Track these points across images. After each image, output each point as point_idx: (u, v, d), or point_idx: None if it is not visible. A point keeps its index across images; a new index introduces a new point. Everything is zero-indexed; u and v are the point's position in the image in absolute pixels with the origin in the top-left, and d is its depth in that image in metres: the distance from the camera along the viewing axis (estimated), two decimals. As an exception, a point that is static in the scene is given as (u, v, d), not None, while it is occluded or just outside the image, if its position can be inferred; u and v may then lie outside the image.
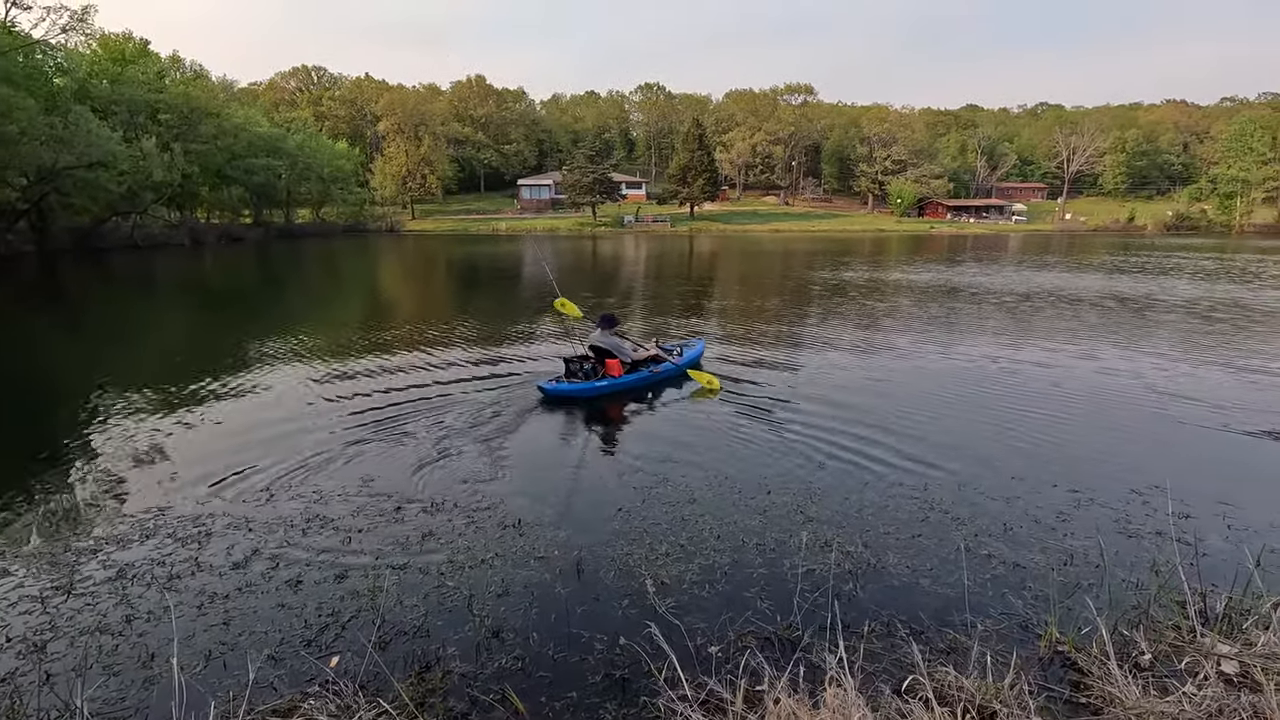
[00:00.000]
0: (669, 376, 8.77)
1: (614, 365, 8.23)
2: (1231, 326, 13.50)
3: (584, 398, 7.96)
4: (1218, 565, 4.20)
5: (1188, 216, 78.10)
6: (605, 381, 8.12)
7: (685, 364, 9.03)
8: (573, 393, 7.98)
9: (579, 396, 7.97)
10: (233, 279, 26.69)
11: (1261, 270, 26.70)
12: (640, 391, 8.36)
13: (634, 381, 8.35)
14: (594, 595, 3.95)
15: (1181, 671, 3.14)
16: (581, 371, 8.29)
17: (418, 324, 14.09)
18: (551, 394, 7.95)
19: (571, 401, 7.92)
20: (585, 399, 7.96)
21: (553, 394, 7.95)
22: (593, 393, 8.01)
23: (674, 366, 8.87)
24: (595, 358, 8.38)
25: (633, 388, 8.34)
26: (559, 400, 7.93)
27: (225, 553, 4.45)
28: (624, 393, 8.22)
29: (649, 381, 8.53)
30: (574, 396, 7.96)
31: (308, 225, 62.45)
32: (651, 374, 8.57)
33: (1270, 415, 7.39)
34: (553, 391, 7.96)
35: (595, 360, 8.36)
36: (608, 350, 8.31)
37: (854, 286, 20.77)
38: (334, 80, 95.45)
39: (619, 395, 8.16)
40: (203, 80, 55.43)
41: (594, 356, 8.40)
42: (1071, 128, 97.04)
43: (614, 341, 8.40)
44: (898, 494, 5.36)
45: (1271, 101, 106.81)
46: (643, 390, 8.40)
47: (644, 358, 8.68)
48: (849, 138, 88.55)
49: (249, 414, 7.60)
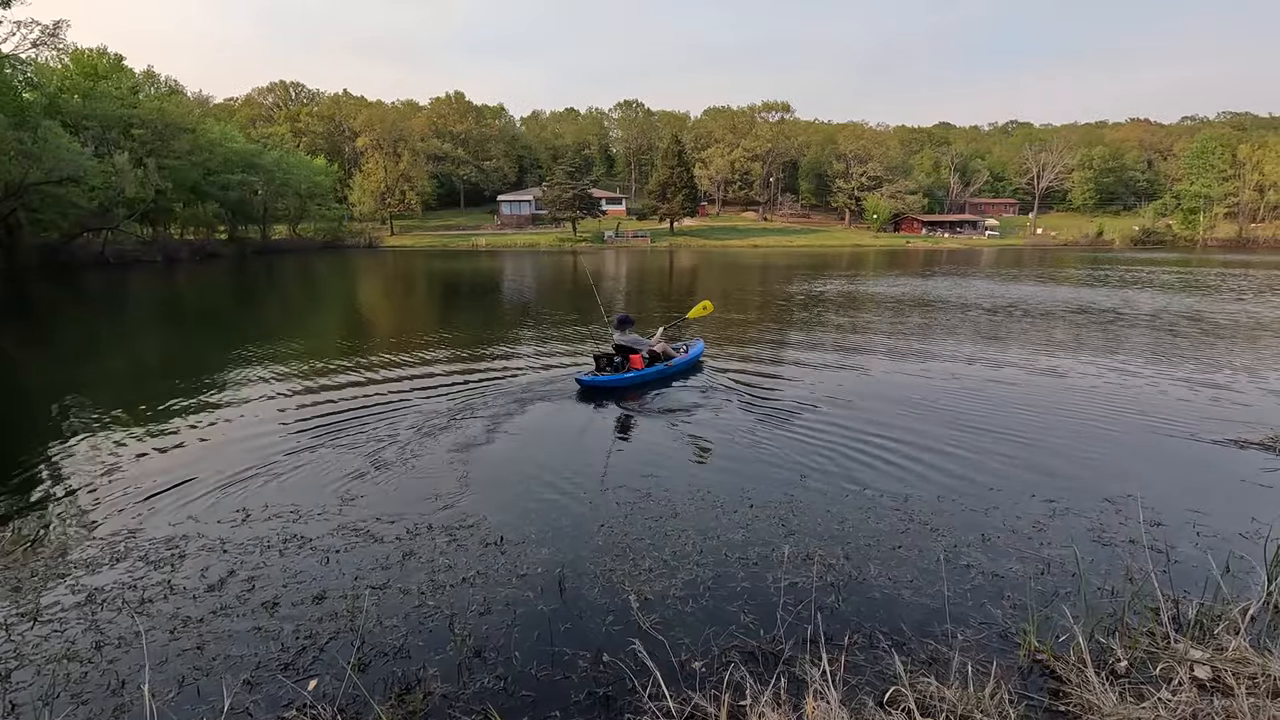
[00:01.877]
0: (680, 369, 10.06)
1: (636, 360, 9.44)
2: (1195, 338, 13.86)
3: (616, 387, 9.09)
4: (1189, 572, 4.28)
5: (1154, 231, 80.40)
6: (632, 373, 9.32)
7: (692, 358, 10.48)
8: (606, 383, 9.09)
9: (612, 386, 9.09)
10: (206, 296, 26.29)
11: (1222, 284, 27.49)
12: (645, 390, 9.17)
13: (655, 373, 9.59)
14: (577, 612, 3.92)
15: (1156, 678, 3.20)
16: (610, 366, 9.44)
17: (395, 340, 13.98)
18: (588, 385, 8.97)
19: (605, 392, 8.98)
20: (617, 388, 9.08)
21: (589, 385, 8.97)
22: (623, 383, 9.17)
23: (683, 361, 10.19)
24: (620, 354, 9.53)
25: (654, 378, 9.56)
26: (593, 390, 8.95)
27: (199, 575, 4.36)
28: (641, 384, 9.31)
29: (666, 373, 9.75)
30: (608, 386, 9.07)
31: (284, 241, 61.84)
32: (667, 367, 9.79)
33: (1233, 424, 7.59)
34: (589, 383, 8.98)
35: (620, 357, 9.50)
36: (629, 347, 9.56)
37: (833, 300, 21.02)
38: (312, 96, 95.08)
39: (641, 384, 9.30)
40: (178, 95, 54.92)
41: (618, 354, 9.53)
42: (1040, 145, 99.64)
43: (633, 339, 9.72)
44: (878, 505, 5.41)
45: (1230, 120, 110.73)
46: (655, 384, 9.45)
47: (658, 348, 9.84)
48: (825, 155, 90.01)
49: (223, 433, 7.46)
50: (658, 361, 9.74)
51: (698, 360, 10.66)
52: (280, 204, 59.87)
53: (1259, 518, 5.12)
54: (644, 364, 9.49)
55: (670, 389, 9.36)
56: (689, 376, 9.99)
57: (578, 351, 12.04)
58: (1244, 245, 73.84)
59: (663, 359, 9.86)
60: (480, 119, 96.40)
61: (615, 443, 7.21)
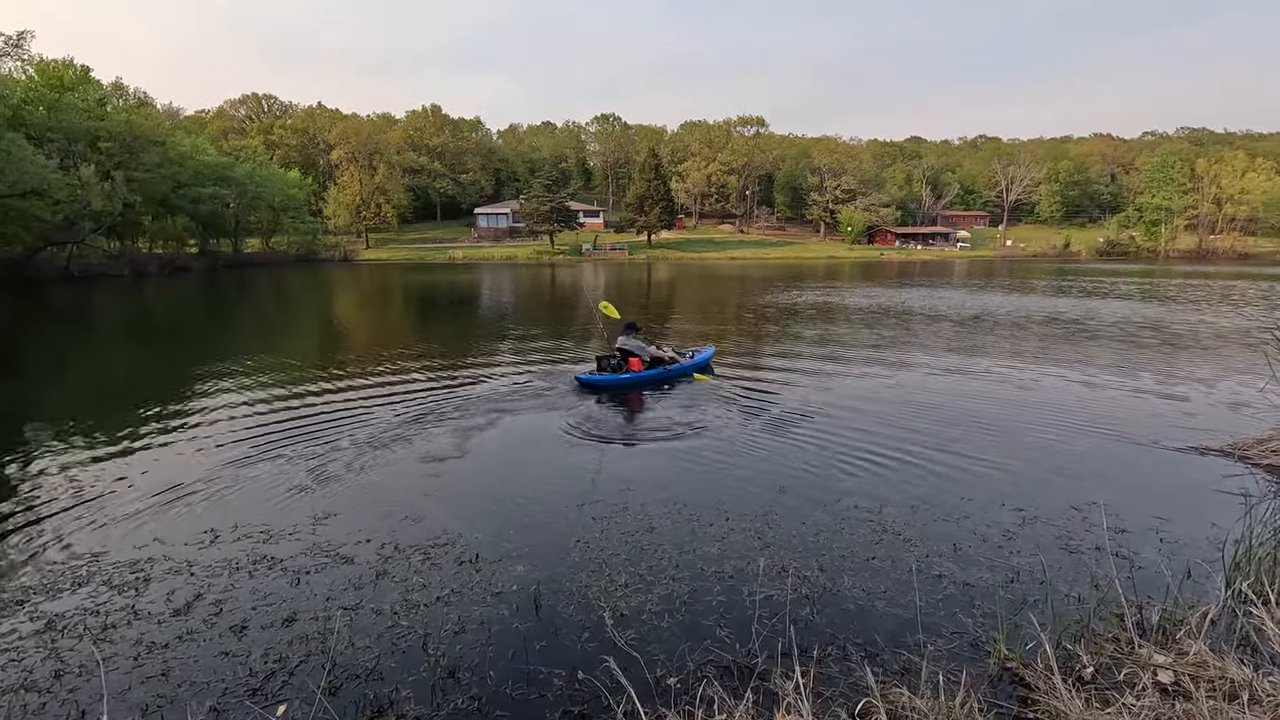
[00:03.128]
0: (678, 374, 10.59)
1: (635, 363, 10.22)
2: (1156, 348, 14.24)
3: (612, 386, 9.76)
4: (1152, 577, 4.39)
5: (1118, 243, 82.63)
6: (629, 375, 10.01)
7: (696, 364, 11.00)
8: (603, 382, 9.78)
9: (608, 385, 9.77)
10: (174, 311, 25.78)
11: (1182, 295, 28.31)
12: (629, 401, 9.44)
13: (651, 376, 10.21)
14: (552, 630, 3.90)
15: (1121, 683, 3.27)
16: (609, 366, 10.12)
17: (367, 355, 13.82)
18: (586, 383, 9.76)
19: (601, 389, 9.69)
20: (613, 387, 9.76)
21: (587, 383, 9.76)
22: (619, 383, 9.82)
23: (685, 366, 10.74)
24: (621, 356, 10.28)
25: (650, 380, 10.16)
26: (591, 388, 9.70)
27: (164, 599, 4.26)
28: (637, 385, 9.99)
29: (663, 376, 10.35)
30: (604, 385, 9.76)
31: (257, 255, 60.88)
32: (665, 371, 10.44)
33: (1194, 432, 7.80)
34: (587, 381, 9.76)
35: (620, 358, 10.24)
36: (631, 351, 10.30)
37: (808, 311, 21.24)
38: (285, 109, 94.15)
39: (638, 385, 10.00)
40: (147, 108, 53.92)
41: (619, 355, 10.28)
42: (1009, 159, 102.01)
43: (636, 344, 10.40)
44: (853, 516, 5.47)
45: (1188, 136, 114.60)
46: (654, 384, 10.11)
47: (658, 357, 10.56)
48: (800, 168, 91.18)
49: (190, 452, 7.30)
50: (658, 366, 10.48)
51: (706, 364, 11.36)
52: (253, 217, 58.97)
53: (1218, 523, 5.27)
54: (642, 367, 10.24)
55: (650, 403, 9.37)
56: (678, 382, 10.41)
57: (555, 364, 12.01)
58: (1204, 256, 76.18)
59: (666, 362, 10.62)
60: (457, 132, 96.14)
61: (592, 457, 7.19)
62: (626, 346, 10.39)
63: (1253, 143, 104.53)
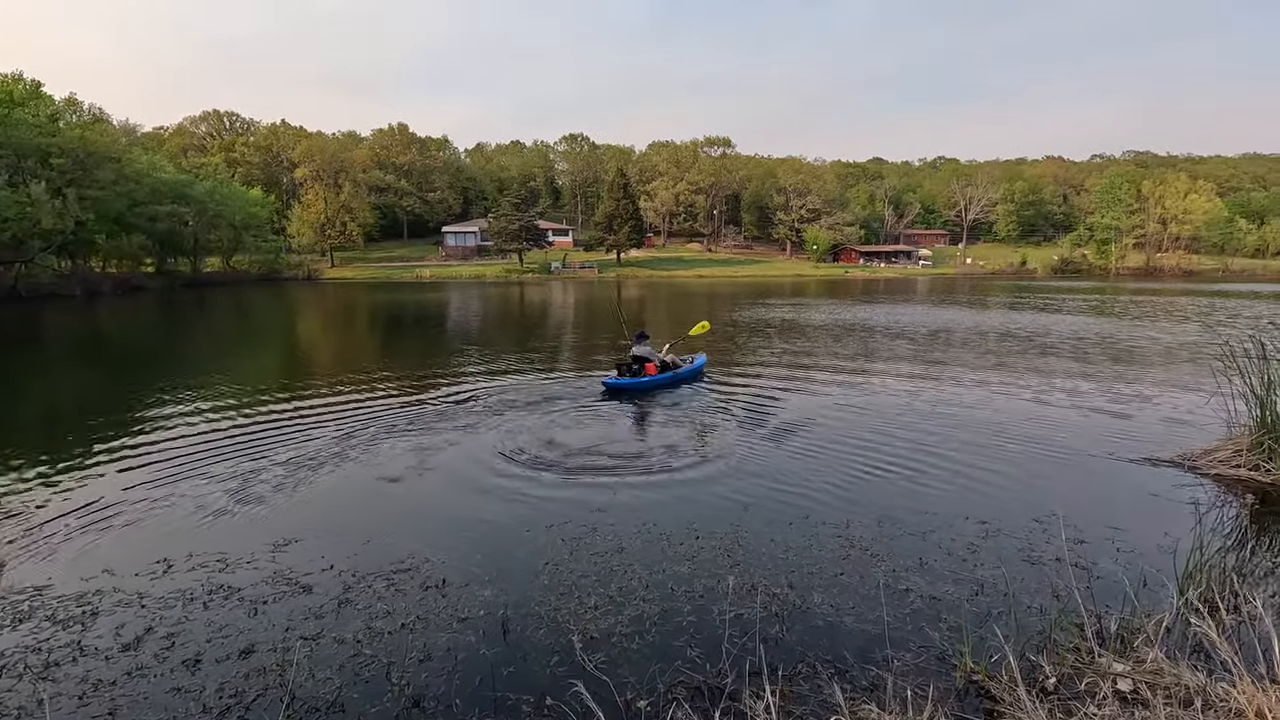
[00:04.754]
0: (685, 377, 12.06)
1: (650, 367, 11.53)
2: (1109, 362, 14.73)
3: (634, 389, 11.10)
4: (1110, 587, 4.50)
5: (1071, 260, 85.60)
6: (647, 378, 11.37)
7: (696, 368, 12.46)
8: (627, 385, 11.14)
9: (632, 388, 11.12)
10: (126, 331, 24.98)
11: (1131, 311, 29.39)
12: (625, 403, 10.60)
13: (665, 379, 11.62)
14: (520, 655, 3.83)
15: (1082, 693, 3.33)
16: (629, 371, 11.50)
17: (326, 375, 13.55)
18: (612, 386, 11.07)
19: (624, 391, 10.99)
20: (635, 390, 11.09)
21: (613, 386, 11.08)
22: (640, 385, 11.22)
23: (688, 370, 12.22)
24: (636, 363, 11.55)
25: (665, 382, 11.57)
26: (615, 391, 10.96)
27: (113, 634, 4.08)
28: (655, 387, 11.34)
29: (674, 379, 11.80)
30: (628, 388, 11.10)
31: (217, 274, 59.53)
32: (675, 375, 11.83)
33: (1146, 443, 8.07)
34: (613, 384, 11.09)
35: (638, 364, 11.53)
36: (645, 357, 11.59)
37: (774, 327, 21.48)
38: (247, 126, 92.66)
39: (655, 387, 11.33)
40: (102, 124, 52.74)
41: (635, 362, 11.55)
42: (967, 179, 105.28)
43: (648, 350, 11.72)
44: (821, 532, 5.51)
45: (1134, 159, 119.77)
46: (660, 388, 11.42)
47: (668, 358, 11.99)
48: (766, 188, 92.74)
49: (142, 479, 7.02)
50: (668, 369, 11.80)
51: (700, 370, 12.62)
52: (213, 235, 57.67)
53: (1171, 532, 5.44)
54: (657, 370, 11.55)
55: (619, 422, 9.36)
56: (691, 383, 11.98)
57: (523, 380, 11.92)
58: (1151, 273, 79.37)
59: (671, 367, 11.92)
60: (424, 151, 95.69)
61: (562, 477, 7.12)
62: (640, 353, 11.64)
63: (1193, 165, 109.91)
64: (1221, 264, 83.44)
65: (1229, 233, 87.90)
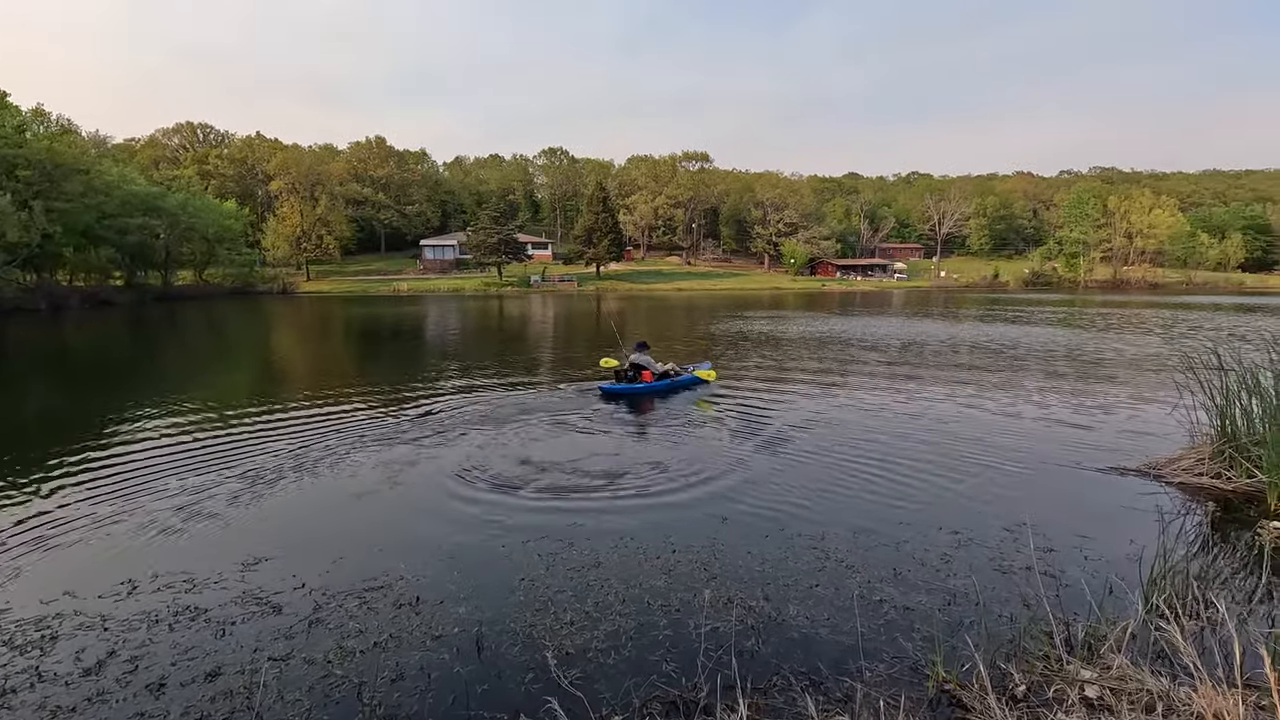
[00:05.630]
0: (683, 384, 12.70)
1: (647, 375, 12.36)
2: (1078, 373, 15.06)
3: (629, 394, 11.86)
4: (1078, 594, 4.58)
5: (1042, 273, 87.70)
6: (642, 385, 12.14)
7: (692, 377, 12.99)
8: (622, 390, 11.91)
9: (626, 393, 11.88)
10: (93, 346, 24.41)
11: (1098, 322, 30.09)
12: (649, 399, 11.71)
13: (661, 386, 12.32)
14: (495, 673, 3.80)
15: (1051, 700, 3.38)
16: (626, 378, 12.35)
17: (298, 390, 13.34)
18: (608, 391, 11.89)
19: (619, 396, 11.73)
20: (630, 395, 11.84)
21: (609, 391, 11.89)
22: (634, 391, 11.96)
23: (688, 377, 12.89)
24: (633, 370, 12.45)
25: (660, 390, 12.23)
26: (611, 396, 11.75)
27: (74, 658, 3.97)
28: (649, 393, 12.00)
29: (670, 386, 12.46)
30: (623, 393, 11.86)
31: (189, 287, 58.49)
32: (672, 382, 12.53)
33: (1113, 453, 8.24)
34: (609, 389, 11.92)
35: (634, 371, 12.43)
36: (643, 365, 12.48)
37: (752, 339, 21.63)
38: (221, 138, 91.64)
39: (650, 393, 11.99)
40: (71, 135, 51.82)
41: (633, 369, 12.46)
42: (940, 194, 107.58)
43: (646, 359, 12.62)
44: (797, 544, 5.54)
45: (1100, 175, 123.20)
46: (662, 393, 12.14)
47: (664, 370, 12.69)
48: (744, 202, 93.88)
49: (103, 497, 6.84)
50: (666, 378, 12.54)
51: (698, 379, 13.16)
52: (185, 249, 56.84)
53: (1136, 539, 5.55)
54: (653, 379, 12.31)
55: (596, 435, 9.34)
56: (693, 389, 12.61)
57: (499, 393, 11.85)
58: (1118, 286, 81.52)
59: (671, 375, 12.68)
60: (402, 164, 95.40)
61: (539, 492, 7.08)
62: (639, 361, 12.55)
63: (1157, 181, 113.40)
64: (1185, 277, 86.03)
65: (1191, 247, 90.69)
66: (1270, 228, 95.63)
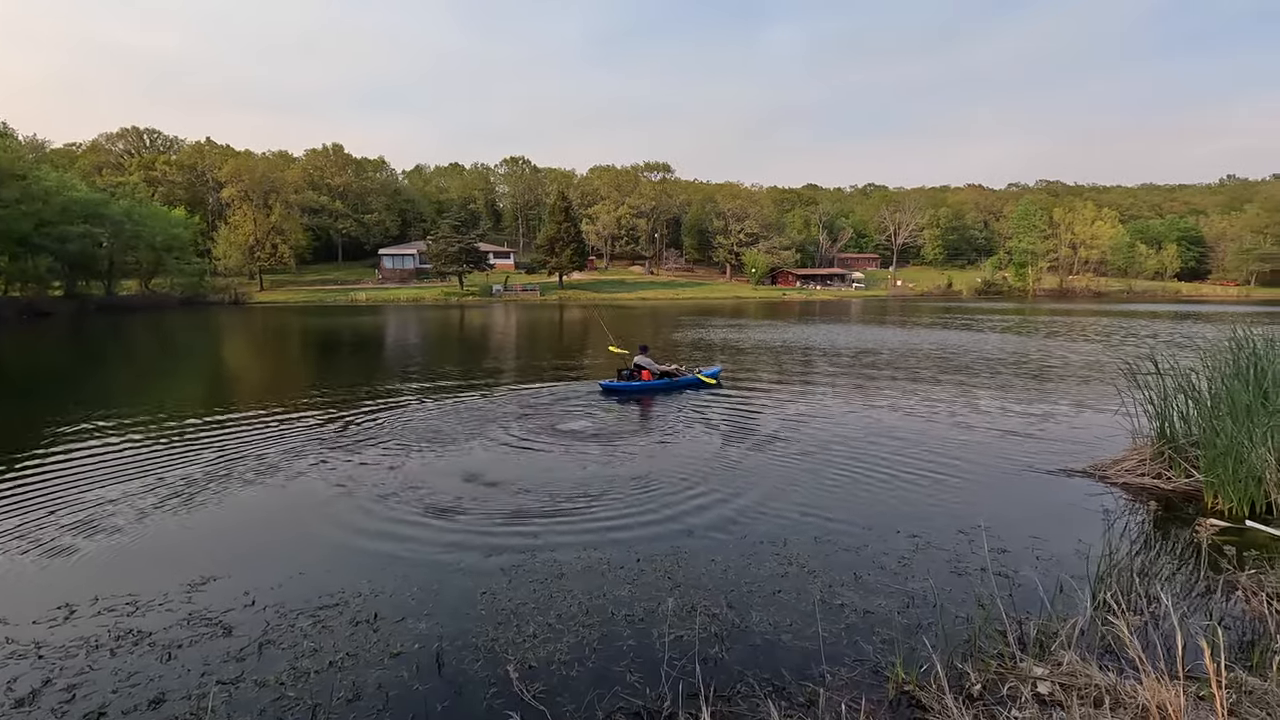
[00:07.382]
0: (682, 385, 13.72)
1: (646, 374, 13.57)
2: (1026, 378, 15.57)
3: (630, 391, 13.08)
4: (1030, 593, 4.71)
5: (993, 283, 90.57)
6: (640, 383, 13.35)
7: (692, 378, 13.90)
8: (622, 388, 13.11)
9: (626, 390, 13.08)
10: (25, 359, 23.27)
11: (1045, 330, 31.20)
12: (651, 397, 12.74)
13: (661, 385, 13.48)
14: (455, 689, 3.72)
15: (1005, 697, 3.46)
16: (626, 376, 13.55)
17: (247, 402, 12.93)
18: (608, 388, 13.16)
19: (619, 393, 12.94)
20: (630, 392, 13.06)
21: (609, 388, 13.15)
22: (634, 389, 13.17)
23: (688, 378, 13.87)
24: (635, 370, 13.71)
25: (660, 388, 13.38)
26: (612, 392, 12.96)
27: (4, 689, 3.75)
28: (649, 391, 13.19)
29: (670, 386, 13.56)
30: (623, 390, 13.06)
31: (134, 297, 56.33)
32: (672, 381, 13.63)
33: (1060, 456, 8.54)
34: (609, 386, 13.17)
35: (635, 371, 13.69)
36: (643, 365, 13.70)
37: (715, 345, 21.80)
38: (169, 143, 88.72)
39: (649, 391, 13.17)
40: (6, 139, 49.50)
41: (634, 369, 13.72)
42: (895, 205, 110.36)
43: (647, 361, 13.82)
44: (760, 551, 5.58)
45: (1046, 188, 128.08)
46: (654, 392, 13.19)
47: (665, 370, 13.84)
48: (706, 212, 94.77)
49: (38, 516, 6.48)
50: (666, 377, 13.63)
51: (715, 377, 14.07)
52: (130, 257, 54.72)
53: (1084, 539, 5.75)
54: (652, 378, 13.46)
55: (563, 444, 9.27)
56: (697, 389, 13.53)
57: (456, 404, 11.67)
58: (1065, 295, 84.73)
59: (672, 375, 13.75)
60: (360, 172, 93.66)
61: (499, 503, 6.99)
62: (640, 362, 13.76)
63: (1099, 194, 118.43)
64: (1126, 285, 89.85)
65: (1131, 256, 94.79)
66: (1203, 239, 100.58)
